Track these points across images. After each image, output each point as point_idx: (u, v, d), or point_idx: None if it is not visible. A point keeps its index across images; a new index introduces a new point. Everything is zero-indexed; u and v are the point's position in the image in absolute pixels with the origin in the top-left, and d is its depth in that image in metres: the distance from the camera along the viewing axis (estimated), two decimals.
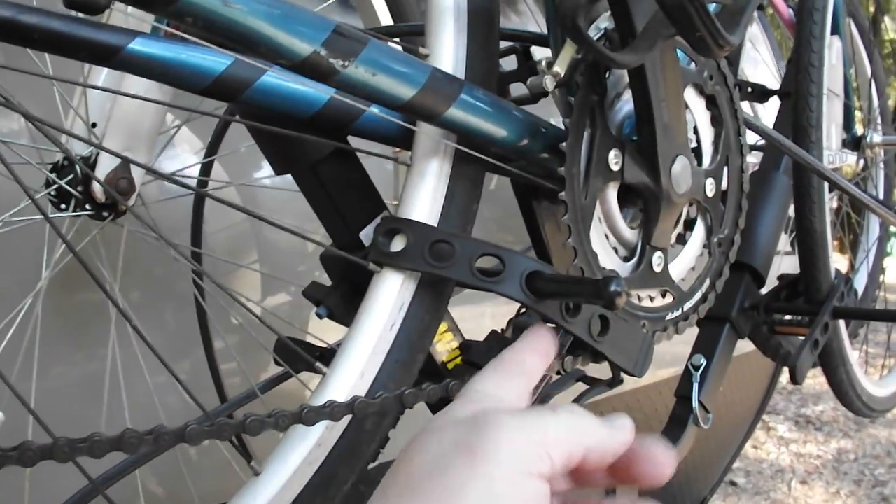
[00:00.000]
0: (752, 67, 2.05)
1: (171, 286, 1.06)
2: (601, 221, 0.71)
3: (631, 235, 0.74)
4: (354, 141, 0.68)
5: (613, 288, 0.55)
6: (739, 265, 1.11)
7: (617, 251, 0.73)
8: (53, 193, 0.74)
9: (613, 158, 0.69)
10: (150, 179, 0.80)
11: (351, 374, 0.62)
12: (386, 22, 1.10)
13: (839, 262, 1.30)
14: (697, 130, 0.79)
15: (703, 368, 0.96)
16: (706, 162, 0.80)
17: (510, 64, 1.05)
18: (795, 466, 3.16)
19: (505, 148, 0.66)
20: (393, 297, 0.63)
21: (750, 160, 0.87)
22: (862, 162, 1.57)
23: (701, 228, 0.80)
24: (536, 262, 0.62)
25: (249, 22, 0.49)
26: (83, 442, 0.49)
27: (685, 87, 0.76)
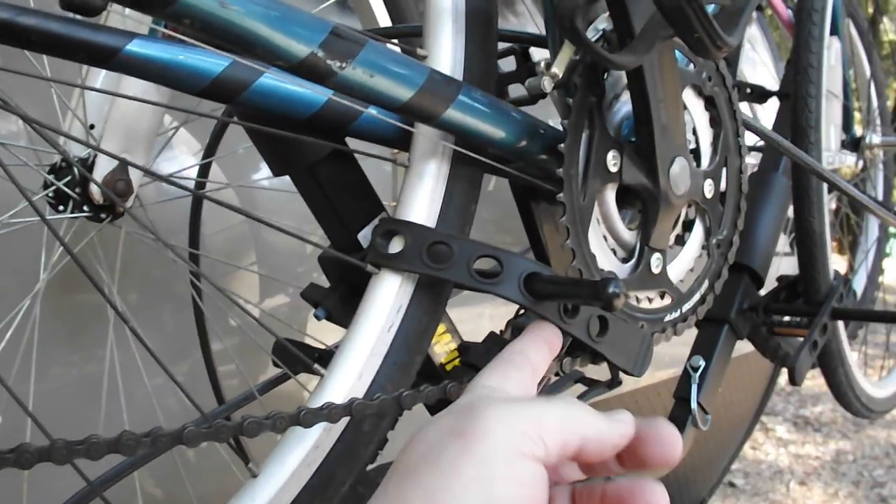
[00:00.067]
0: (750, 68, 2.05)
1: (169, 288, 1.06)
2: (599, 223, 0.71)
3: (629, 237, 0.74)
4: (352, 142, 0.68)
5: (611, 289, 0.55)
6: (738, 266, 1.11)
7: (615, 252, 0.73)
8: (51, 195, 0.74)
9: (612, 160, 0.69)
10: (147, 181, 0.80)
11: (349, 375, 0.62)
12: (384, 23, 1.10)
13: (838, 263, 1.30)
14: (696, 131, 0.79)
15: (701, 370, 0.96)
16: (705, 163, 0.80)
17: (509, 65, 1.05)
18: (794, 467, 3.16)
19: (503, 149, 0.66)
20: (391, 298, 0.63)
21: (749, 161, 0.87)
22: (861, 163, 1.57)
23: (699, 230, 0.80)
24: (535, 263, 0.62)
25: (246, 23, 0.48)
26: (81, 444, 0.49)
27: (684, 88, 0.76)
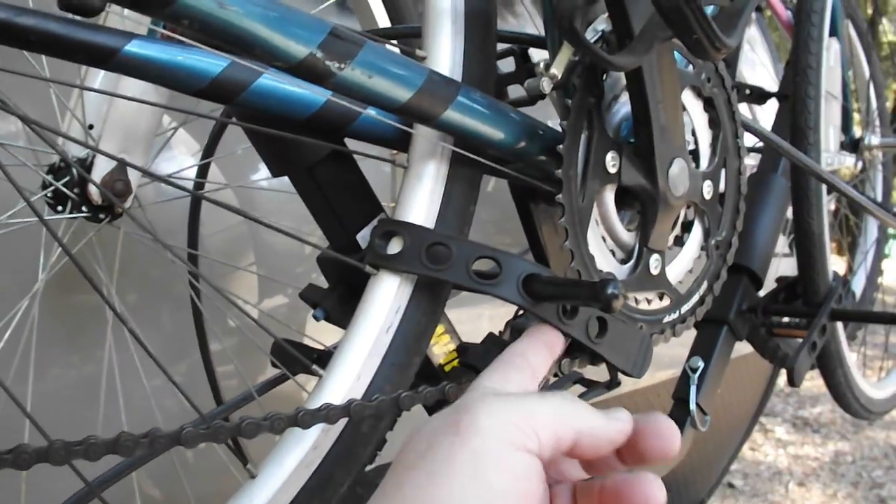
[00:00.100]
0: (750, 69, 2.05)
1: (167, 288, 1.06)
2: (598, 224, 0.71)
3: (628, 238, 0.74)
4: (351, 143, 0.68)
5: (610, 291, 0.55)
6: (737, 267, 1.11)
7: (614, 253, 0.73)
8: (50, 195, 0.74)
9: (611, 161, 0.69)
10: (146, 181, 0.80)
11: (347, 376, 0.62)
12: (383, 24, 1.10)
13: (837, 264, 1.30)
14: (695, 133, 0.79)
15: (700, 371, 0.96)
16: (704, 164, 0.80)
17: (509, 66, 1.05)
18: (793, 468, 3.16)
19: (502, 150, 0.66)
20: (389, 299, 0.63)
21: (748, 162, 0.87)
22: (860, 164, 1.57)
23: (698, 231, 0.80)
24: (533, 264, 0.62)
25: (245, 24, 0.48)
26: (79, 445, 0.49)
27: (683, 89, 0.75)
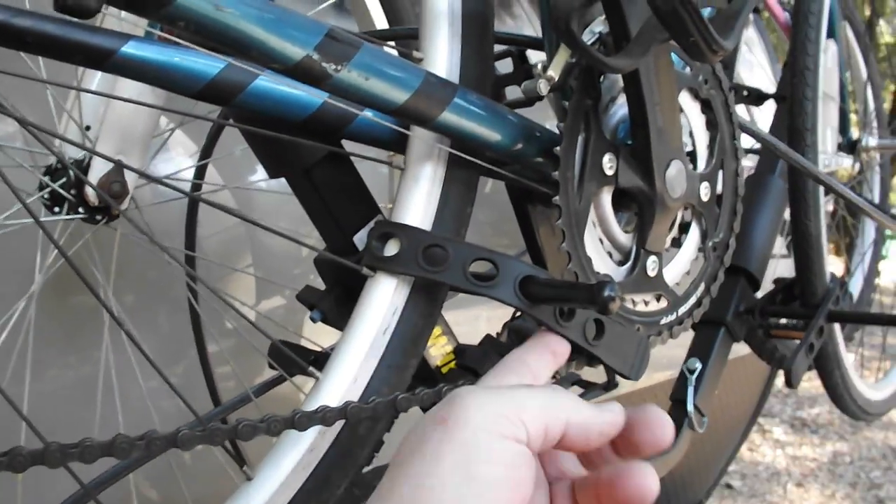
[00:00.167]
0: (747, 71, 2.05)
1: (165, 290, 1.06)
2: (595, 226, 0.71)
3: (625, 239, 0.74)
4: (348, 145, 0.68)
5: (607, 293, 0.55)
6: (734, 269, 1.11)
7: (611, 255, 0.73)
8: (46, 197, 0.74)
9: (608, 163, 0.69)
10: (143, 183, 0.80)
11: (344, 378, 0.61)
12: (381, 25, 1.10)
13: (835, 265, 1.30)
14: (692, 134, 0.79)
15: (698, 372, 0.96)
16: (701, 166, 0.80)
17: (508, 67, 1.05)
18: (791, 469, 3.17)
19: (499, 152, 0.66)
20: (386, 301, 0.63)
21: (746, 164, 0.87)
22: (858, 165, 1.57)
23: (696, 232, 0.80)
24: (530, 266, 0.62)
25: (241, 26, 0.48)
26: (74, 447, 0.49)
27: (680, 91, 0.75)
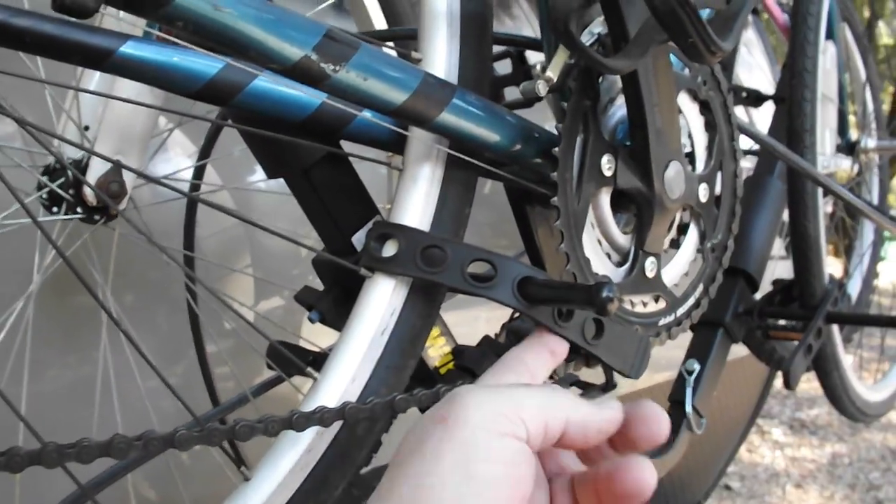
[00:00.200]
0: (747, 72, 2.06)
1: (163, 290, 1.06)
2: (594, 227, 0.71)
3: (624, 241, 0.74)
4: (347, 145, 0.68)
5: (605, 294, 0.55)
6: (733, 270, 1.11)
7: (610, 256, 0.73)
8: (45, 197, 0.74)
9: (606, 164, 0.69)
10: (141, 183, 0.80)
11: (342, 379, 0.61)
12: (380, 25, 1.10)
13: (833, 266, 1.30)
14: (691, 136, 0.79)
15: (696, 373, 0.96)
16: (700, 167, 0.80)
17: (507, 68, 1.05)
18: (790, 470, 3.17)
19: (497, 153, 0.66)
20: (384, 302, 0.63)
21: (744, 165, 0.87)
22: (856, 167, 1.57)
23: (694, 234, 0.80)
24: (528, 267, 0.62)
25: (240, 26, 0.48)
26: (72, 447, 0.49)
27: (678, 92, 0.75)
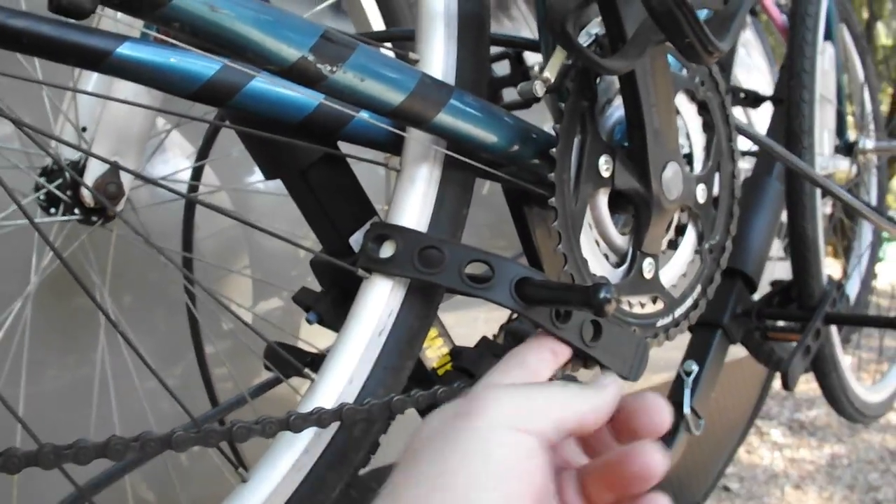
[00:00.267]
0: (745, 73, 2.06)
1: (162, 291, 1.06)
2: (592, 227, 0.71)
3: (622, 241, 0.74)
4: (344, 146, 0.68)
5: (603, 295, 0.55)
6: (731, 271, 1.11)
7: (607, 257, 0.73)
8: (42, 198, 0.74)
9: (604, 164, 0.69)
10: (139, 184, 0.80)
11: (340, 380, 0.61)
12: (378, 27, 1.10)
13: (832, 267, 1.30)
14: (689, 136, 0.79)
15: (694, 374, 0.96)
16: (698, 168, 0.80)
17: (505, 69, 1.05)
18: (789, 471, 3.16)
19: (495, 153, 0.66)
20: (382, 302, 0.63)
21: (742, 166, 0.87)
22: (855, 168, 1.57)
23: (692, 234, 0.80)
24: (526, 268, 0.62)
25: (236, 27, 0.48)
26: (69, 448, 0.49)
27: (676, 92, 0.75)
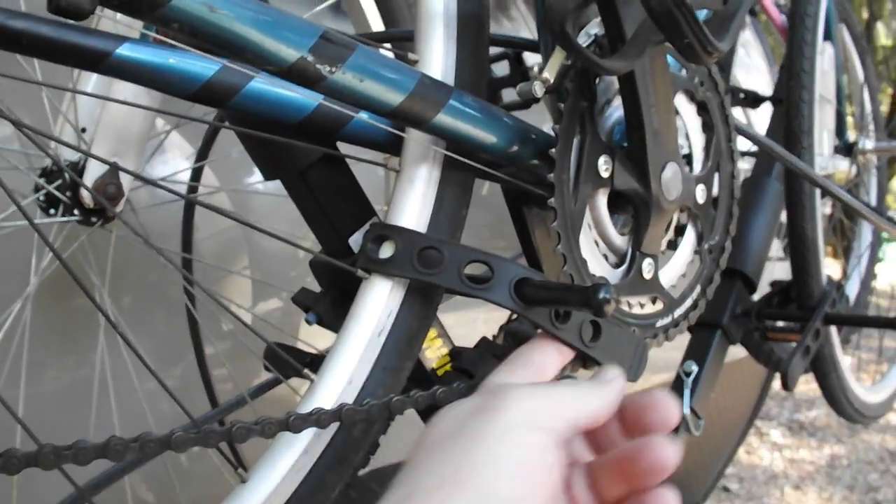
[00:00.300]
0: (745, 73, 2.06)
1: (161, 291, 1.06)
2: (591, 228, 0.71)
3: (621, 242, 0.74)
4: (344, 147, 0.68)
5: (602, 295, 0.55)
6: (731, 272, 1.11)
7: (607, 258, 0.73)
8: (42, 198, 0.74)
9: (603, 165, 0.69)
10: (139, 185, 0.80)
11: (339, 380, 0.61)
12: (377, 27, 1.10)
13: (832, 267, 1.30)
14: (688, 136, 0.79)
15: (694, 375, 0.96)
16: (697, 168, 0.80)
17: (504, 69, 1.05)
18: (789, 472, 3.16)
19: (494, 154, 0.66)
20: (381, 303, 0.63)
21: (742, 166, 0.87)
22: (854, 168, 1.57)
23: (691, 235, 0.80)
24: (525, 269, 0.62)
25: (236, 28, 0.48)
26: (68, 449, 0.49)
27: (676, 93, 0.75)
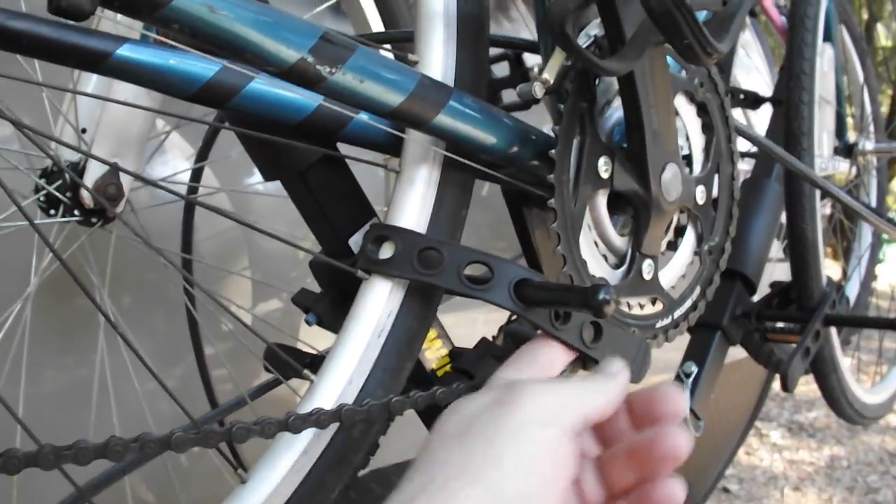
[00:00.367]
0: (745, 74, 2.06)
1: (161, 292, 1.06)
2: (591, 229, 0.71)
3: (621, 243, 0.74)
4: (344, 147, 0.68)
5: (602, 296, 0.55)
6: (730, 273, 1.11)
7: (607, 258, 0.73)
8: (42, 199, 0.74)
9: (603, 166, 0.69)
10: (139, 185, 0.80)
11: (339, 381, 0.61)
12: (377, 28, 1.10)
13: (832, 268, 1.30)
14: (688, 138, 0.79)
15: (694, 376, 0.96)
16: (697, 169, 0.80)
17: (504, 70, 1.05)
18: (788, 473, 3.16)
19: (494, 155, 0.66)
20: (381, 304, 0.63)
21: (742, 167, 0.87)
22: (854, 169, 1.57)
23: (691, 236, 0.80)
24: (525, 269, 0.62)
25: (236, 28, 0.48)
26: (68, 449, 0.49)
27: (675, 94, 0.75)
